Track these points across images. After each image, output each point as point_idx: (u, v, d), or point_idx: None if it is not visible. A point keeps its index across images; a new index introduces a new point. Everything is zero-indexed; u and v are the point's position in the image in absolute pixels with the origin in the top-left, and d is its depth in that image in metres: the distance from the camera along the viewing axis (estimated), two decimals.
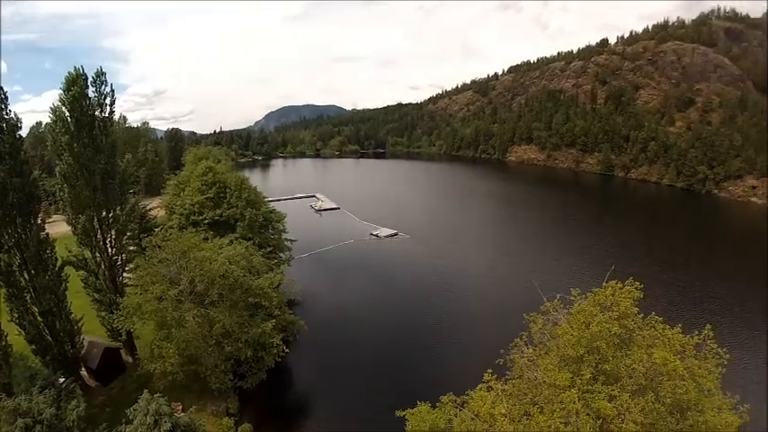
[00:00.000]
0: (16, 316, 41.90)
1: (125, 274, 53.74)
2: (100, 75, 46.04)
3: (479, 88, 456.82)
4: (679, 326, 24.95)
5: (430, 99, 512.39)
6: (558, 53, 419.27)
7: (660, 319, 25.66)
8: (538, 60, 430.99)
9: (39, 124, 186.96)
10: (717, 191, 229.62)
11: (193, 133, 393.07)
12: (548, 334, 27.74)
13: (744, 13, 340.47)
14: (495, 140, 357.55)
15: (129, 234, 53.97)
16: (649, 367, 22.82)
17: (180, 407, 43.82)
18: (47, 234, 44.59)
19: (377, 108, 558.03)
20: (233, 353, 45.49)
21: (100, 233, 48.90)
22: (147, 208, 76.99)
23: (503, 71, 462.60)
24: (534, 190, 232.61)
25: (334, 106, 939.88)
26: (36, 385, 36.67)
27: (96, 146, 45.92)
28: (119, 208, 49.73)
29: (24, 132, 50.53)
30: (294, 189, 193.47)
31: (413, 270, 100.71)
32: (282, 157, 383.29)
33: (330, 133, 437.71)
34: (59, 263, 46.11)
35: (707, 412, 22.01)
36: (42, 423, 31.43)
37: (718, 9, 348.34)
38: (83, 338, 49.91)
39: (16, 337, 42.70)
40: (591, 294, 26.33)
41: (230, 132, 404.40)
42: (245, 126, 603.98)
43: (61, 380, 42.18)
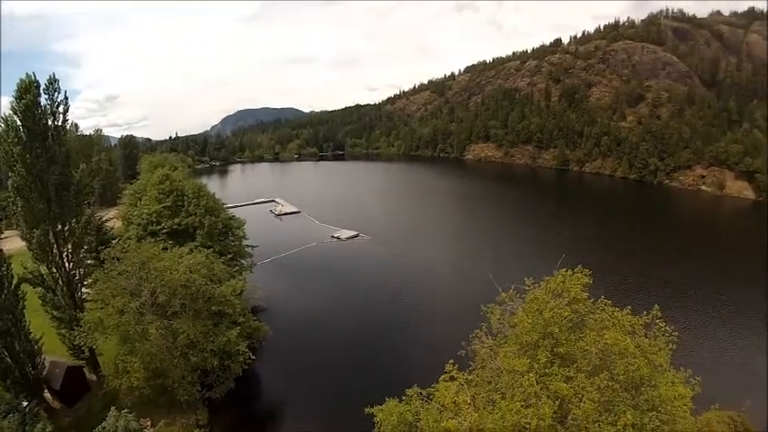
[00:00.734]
0: None
1: (84, 289, 52.11)
2: (53, 82, 44.64)
3: (436, 88, 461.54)
4: (628, 308, 26.57)
5: (388, 99, 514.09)
6: (513, 53, 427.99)
7: (609, 303, 27.11)
8: (493, 60, 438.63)
9: None
10: (668, 181, 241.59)
11: (148, 140, 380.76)
12: (506, 323, 28.94)
13: (691, 14, 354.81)
14: (452, 139, 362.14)
15: (86, 247, 52.39)
16: (602, 348, 24.15)
17: (149, 422, 43.20)
18: (0, 250, 43.31)
19: (335, 110, 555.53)
20: (199, 363, 44.81)
21: (56, 247, 47.26)
22: (104, 219, 75.17)
23: (459, 71, 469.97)
24: (492, 187, 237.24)
25: (291, 109, 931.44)
26: None
27: (50, 156, 44.39)
28: (74, 220, 48.04)
29: None
30: (253, 194, 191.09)
31: (375, 270, 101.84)
32: (240, 162, 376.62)
33: (288, 136, 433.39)
34: (15, 280, 44.51)
35: (660, 387, 23.35)
36: None
37: (667, 10, 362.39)
38: (44, 359, 48.24)
39: None
40: (543, 283, 27.70)
41: (186, 138, 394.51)
42: (201, 131, 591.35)
43: (24, 403, 40.82)
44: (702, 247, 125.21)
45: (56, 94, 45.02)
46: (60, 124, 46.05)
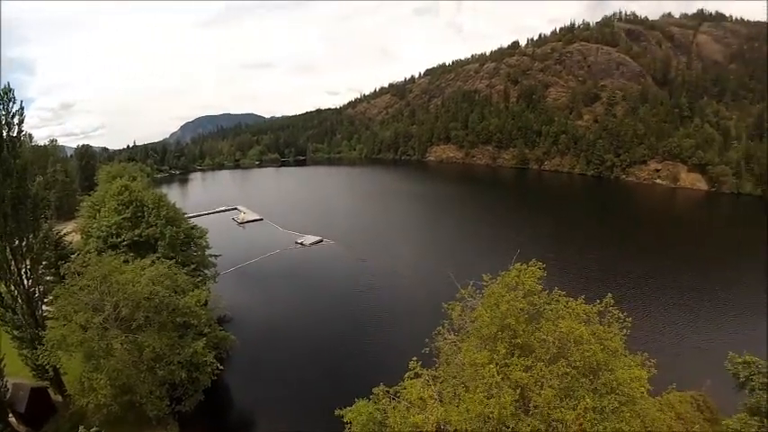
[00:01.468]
0: None
1: (45, 306, 50.55)
2: (8, 91, 43.09)
3: (397, 91, 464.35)
4: (582, 297, 27.82)
5: (349, 103, 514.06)
6: (472, 56, 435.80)
7: (563, 293, 28.49)
8: (453, 63, 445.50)
9: None
10: (624, 176, 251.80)
11: (105, 149, 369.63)
12: (467, 319, 29.91)
13: (643, 16, 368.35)
14: (414, 142, 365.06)
15: (45, 263, 51.26)
16: (558, 337, 25.34)
17: None
18: None
19: (296, 115, 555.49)
20: (167, 376, 44.19)
21: (14, 264, 45.54)
22: (62, 233, 73.47)
23: (419, 74, 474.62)
24: (454, 187, 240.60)
25: (252, 114, 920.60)
26: None
27: (5, 169, 42.78)
28: (32, 235, 46.44)
29: None
30: (215, 203, 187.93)
31: (340, 275, 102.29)
32: (201, 170, 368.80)
33: (249, 142, 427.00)
34: None
35: (616, 370, 24.63)
36: None
37: (620, 12, 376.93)
38: (6, 381, 46.48)
39: None
40: (499, 278, 28.72)
41: (145, 146, 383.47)
42: (160, 139, 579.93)
43: None
44: (659, 239, 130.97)
45: (10, 104, 43.48)
46: (15, 135, 44.46)
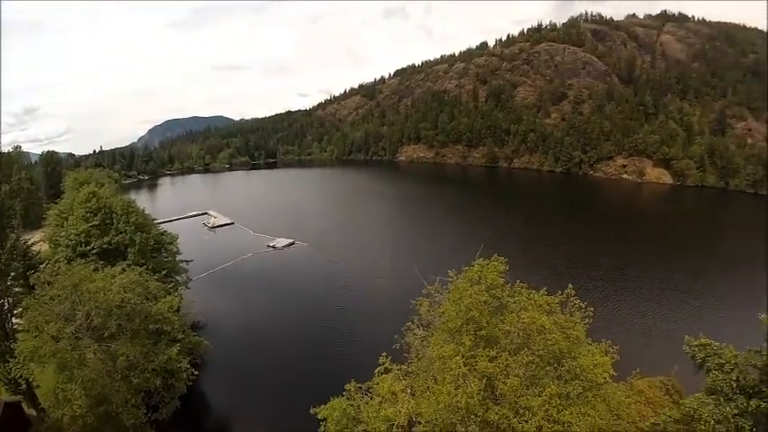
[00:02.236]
0: None
1: (14, 319, 49.91)
2: None
3: (367, 92, 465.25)
4: (544, 289, 29.37)
5: (319, 105, 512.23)
6: (442, 56, 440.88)
7: (525, 286, 30.00)
8: (422, 63, 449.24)
9: None
10: (592, 172, 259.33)
11: (71, 155, 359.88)
12: (434, 314, 30.91)
13: (608, 17, 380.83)
14: (384, 142, 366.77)
15: (12, 274, 50.67)
16: (521, 327, 26.66)
17: None
18: None
19: (266, 117, 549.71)
20: (142, 384, 43.71)
21: None
22: (30, 243, 72.30)
23: (389, 75, 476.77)
24: (425, 187, 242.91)
25: (221, 117, 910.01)
26: None
27: None
28: None
29: None
30: (185, 208, 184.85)
31: (312, 277, 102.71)
32: (170, 175, 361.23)
33: (218, 146, 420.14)
34: None
35: (579, 357, 26.01)
36: None
37: (586, 13, 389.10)
38: None
39: None
40: (463, 272, 29.78)
41: (112, 151, 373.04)
42: (127, 143, 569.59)
43: None
44: (627, 232, 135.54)
45: None
46: None
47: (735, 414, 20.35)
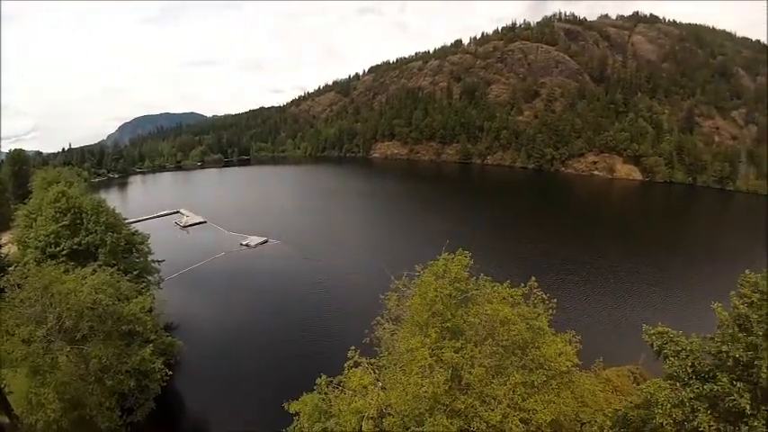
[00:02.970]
0: None
1: None
2: None
3: (341, 89, 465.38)
4: (508, 281, 30.42)
5: (293, 101, 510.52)
6: (416, 53, 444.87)
7: (489, 279, 31.05)
8: (397, 60, 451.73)
9: None
10: (563, 168, 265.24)
11: (39, 153, 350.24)
12: (403, 308, 31.95)
13: (581, 17, 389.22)
14: (358, 139, 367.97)
15: None
16: (485, 319, 27.58)
17: None
18: None
19: (239, 113, 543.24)
20: (116, 387, 43.33)
21: None
22: None
23: (364, 71, 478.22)
24: (399, 183, 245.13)
25: (193, 113, 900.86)
26: None
27: None
28: None
29: None
30: (156, 207, 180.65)
31: (286, 274, 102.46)
32: (141, 173, 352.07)
33: (191, 143, 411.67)
34: None
35: (543, 347, 27.06)
36: None
37: (560, 12, 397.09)
38: None
39: None
40: (429, 267, 30.72)
41: (81, 149, 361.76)
42: (97, 141, 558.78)
43: None
44: (597, 227, 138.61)
45: None
46: None
47: (691, 398, 21.13)
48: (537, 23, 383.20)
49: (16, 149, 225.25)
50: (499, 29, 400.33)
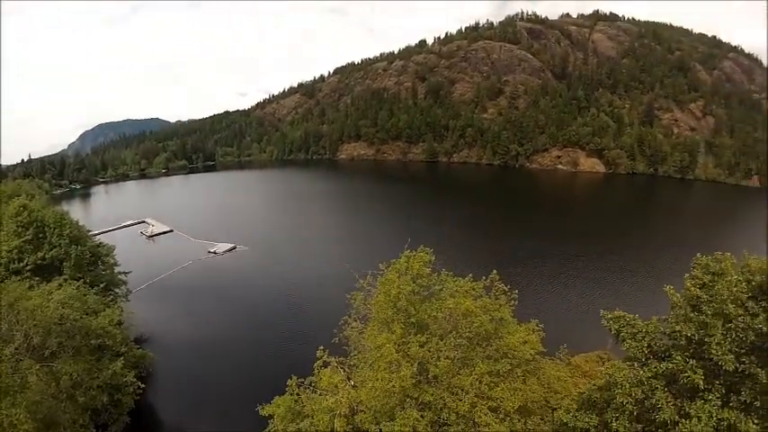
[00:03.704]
0: None
1: None
2: None
3: (306, 91, 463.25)
4: (470, 275, 31.76)
5: (258, 104, 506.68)
6: (381, 54, 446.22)
7: (450, 274, 32.37)
8: (362, 61, 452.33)
9: None
10: (528, 164, 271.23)
11: None
12: (369, 306, 32.66)
13: (543, 16, 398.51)
14: (325, 141, 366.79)
15: None
16: (448, 313, 28.70)
17: None
18: None
19: (203, 118, 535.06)
20: (88, 403, 42.81)
21: None
22: None
23: (329, 73, 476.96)
24: (366, 184, 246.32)
25: (156, 119, 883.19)
26: None
27: None
28: None
29: None
30: (121, 217, 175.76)
31: (255, 280, 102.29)
32: (104, 183, 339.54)
33: (154, 150, 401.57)
34: None
35: (506, 337, 28.35)
36: None
37: (522, 12, 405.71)
38: None
39: None
40: (391, 265, 31.75)
41: (41, 160, 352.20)
42: (57, 151, 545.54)
43: None
44: (563, 218, 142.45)
45: None
46: None
47: (649, 377, 22.20)
48: (500, 23, 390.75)
49: None
50: (463, 29, 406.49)
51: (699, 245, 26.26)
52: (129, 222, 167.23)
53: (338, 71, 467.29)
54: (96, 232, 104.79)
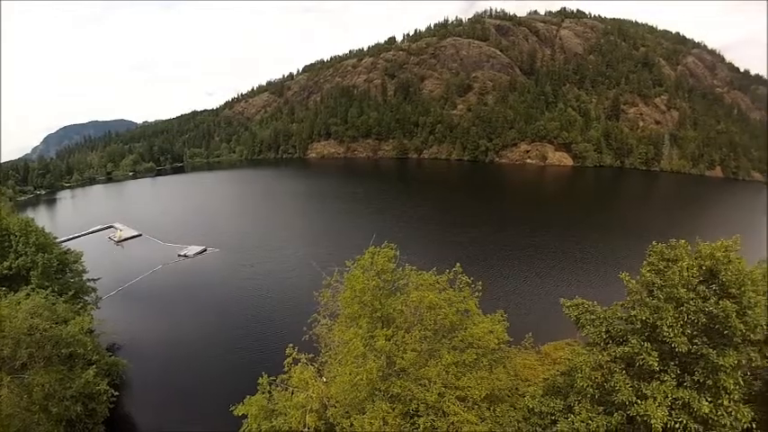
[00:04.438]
0: None
1: None
2: None
3: (275, 89, 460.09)
4: (434, 269, 32.89)
5: (226, 104, 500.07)
6: (350, 51, 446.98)
7: (415, 268, 33.18)
8: (331, 59, 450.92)
9: None
10: (498, 158, 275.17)
11: None
12: (337, 303, 33.63)
13: (511, 13, 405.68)
14: (294, 139, 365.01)
15: None
16: (413, 306, 29.76)
17: None
18: None
19: (170, 118, 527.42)
20: (62, 413, 42.39)
21: None
22: None
23: (298, 71, 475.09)
24: (336, 182, 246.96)
25: (122, 120, 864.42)
26: None
27: None
28: None
29: None
30: (88, 222, 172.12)
31: (226, 282, 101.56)
32: (70, 188, 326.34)
33: (121, 152, 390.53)
34: None
35: (470, 327, 29.39)
36: None
37: (491, 9, 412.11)
38: None
39: None
40: (356, 261, 32.63)
41: (4, 165, 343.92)
42: (20, 155, 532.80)
43: None
44: (532, 211, 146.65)
45: None
46: None
47: (607, 360, 23.27)
48: (468, 20, 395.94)
49: None
50: (432, 25, 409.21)
51: (664, 233, 27.24)
52: (96, 228, 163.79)
53: (307, 69, 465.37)
54: (63, 239, 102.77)
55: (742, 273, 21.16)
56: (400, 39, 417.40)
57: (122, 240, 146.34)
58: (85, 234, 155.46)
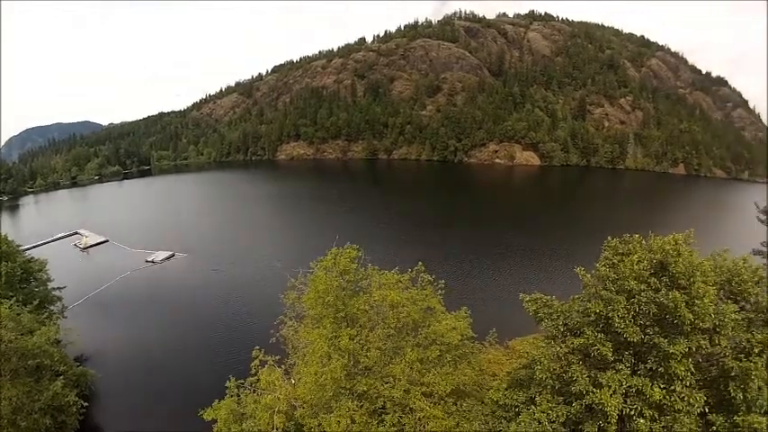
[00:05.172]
0: None
1: None
2: None
3: (244, 90, 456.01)
4: (396, 268, 33.39)
5: (194, 105, 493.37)
6: (320, 52, 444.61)
7: (377, 268, 33.77)
8: (300, 59, 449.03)
9: None
10: (467, 158, 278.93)
11: None
12: (302, 304, 34.10)
13: (481, 15, 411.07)
14: (263, 141, 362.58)
15: None
16: (376, 305, 30.39)
17: None
18: None
19: (136, 120, 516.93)
20: (31, 427, 41.88)
21: None
22: None
23: (267, 71, 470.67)
24: (305, 184, 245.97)
25: (87, 122, 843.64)
26: None
27: None
28: None
29: None
30: (52, 229, 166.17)
31: (194, 288, 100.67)
32: (33, 193, 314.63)
33: (86, 155, 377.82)
34: None
35: (433, 324, 30.03)
36: None
37: (460, 11, 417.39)
38: None
39: None
40: (320, 262, 33.09)
41: None
42: None
43: None
44: (500, 210, 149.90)
45: None
46: None
47: (565, 352, 24.31)
48: (438, 22, 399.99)
49: None
50: (402, 27, 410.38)
51: (625, 228, 28.24)
52: (61, 234, 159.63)
53: (276, 69, 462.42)
54: (27, 247, 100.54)
55: (692, 264, 22.18)
56: (370, 40, 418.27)
57: (88, 247, 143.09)
58: (50, 241, 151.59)
